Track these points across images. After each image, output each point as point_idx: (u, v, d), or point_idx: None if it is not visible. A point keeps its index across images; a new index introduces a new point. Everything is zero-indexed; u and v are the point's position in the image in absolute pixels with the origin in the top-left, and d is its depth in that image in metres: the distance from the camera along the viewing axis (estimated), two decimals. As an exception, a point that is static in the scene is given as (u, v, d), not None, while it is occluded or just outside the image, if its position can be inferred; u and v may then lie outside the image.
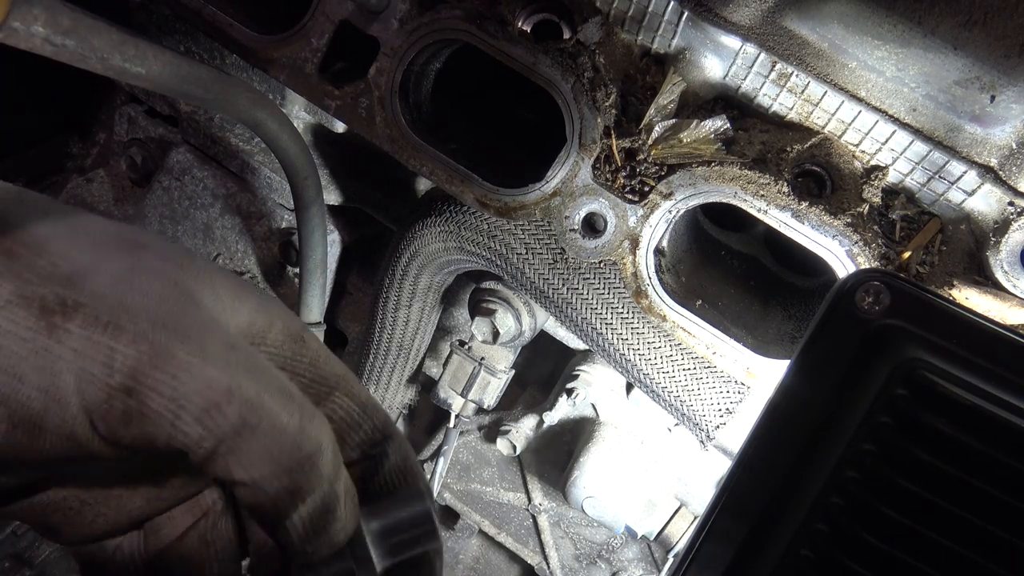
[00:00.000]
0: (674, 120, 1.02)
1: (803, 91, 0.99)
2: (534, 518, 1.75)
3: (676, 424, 1.50)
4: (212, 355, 0.50)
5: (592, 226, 1.08)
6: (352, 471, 0.60)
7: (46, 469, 0.53)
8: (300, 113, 1.37)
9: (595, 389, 1.56)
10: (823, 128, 1.01)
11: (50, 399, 0.47)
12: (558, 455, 1.68)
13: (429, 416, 1.92)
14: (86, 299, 0.48)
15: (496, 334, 1.40)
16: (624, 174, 1.04)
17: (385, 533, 0.60)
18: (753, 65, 1.00)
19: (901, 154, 0.99)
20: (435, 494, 1.71)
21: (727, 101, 1.05)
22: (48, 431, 0.48)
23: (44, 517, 0.58)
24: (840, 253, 0.97)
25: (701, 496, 1.53)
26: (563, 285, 1.14)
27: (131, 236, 0.55)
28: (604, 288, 1.12)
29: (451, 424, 1.66)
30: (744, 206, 0.99)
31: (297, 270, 1.46)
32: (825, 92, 0.98)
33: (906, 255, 0.98)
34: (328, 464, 0.54)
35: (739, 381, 1.10)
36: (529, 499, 1.73)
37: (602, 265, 1.11)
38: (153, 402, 0.47)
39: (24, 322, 0.47)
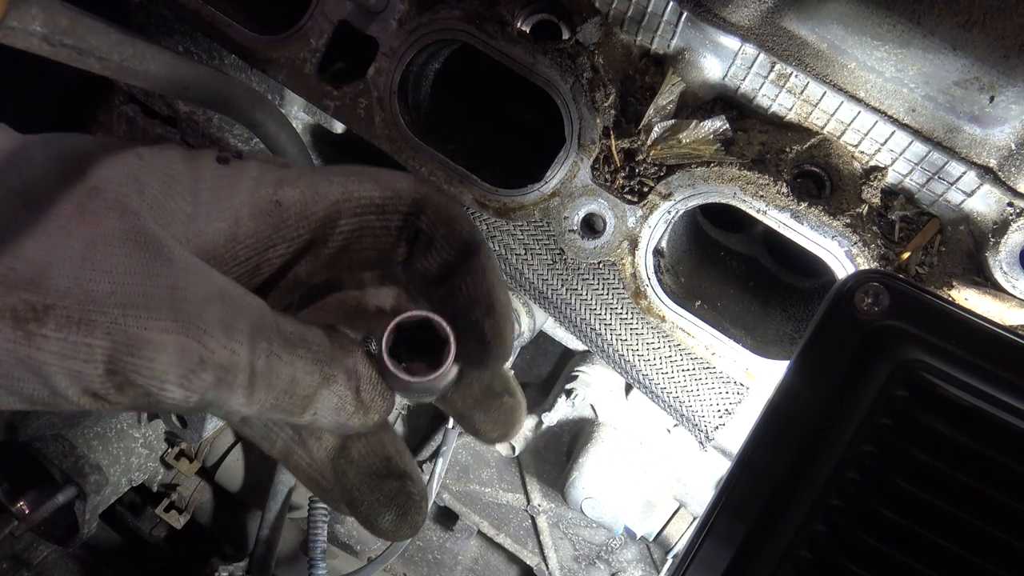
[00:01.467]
0: (673, 120, 1.02)
1: (802, 91, 0.99)
2: (533, 519, 1.75)
3: (675, 425, 1.50)
4: (185, 319, 0.52)
5: (591, 227, 1.08)
6: (403, 245, 0.65)
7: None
8: (299, 114, 1.37)
9: (594, 390, 1.56)
10: (822, 129, 1.01)
11: (48, 392, 0.51)
12: (557, 456, 1.68)
13: (428, 417, 1.92)
14: (53, 299, 0.50)
15: (495, 335, 1.40)
16: (623, 175, 1.04)
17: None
18: (752, 65, 1.00)
19: (900, 155, 0.99)
20: (434, 495, 1.71)
21: (726, 101, 1.05)
22: (58, 406, 0.53)
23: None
24: (839, 254, 0.97)
25: (700, 497, 1.53)
26: (562, 286, 1.14)
27: (80, 180, 0.55)
28: (603, 289, 1.12)
29: (450, 425, 1.66)
30: (743, 207, 0.99)
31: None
32: (824, 92, 0.98)
33: (905, 256, 0.98)
34: (328, 395, 0.58)
35: (738, 382, 1.10)
36: (528, 500, 1.73)
37: (601, 266, 1.11)
38: (138, 380, 0.52)
39: (2, 334, 0.49)
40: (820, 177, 1.01)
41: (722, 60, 1.01)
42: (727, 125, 1.01)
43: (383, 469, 0.65)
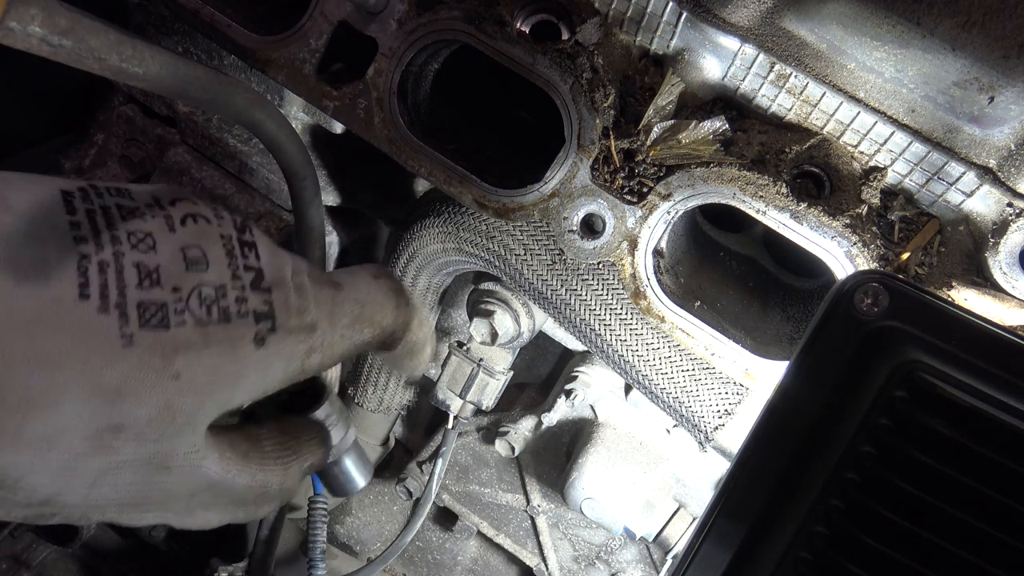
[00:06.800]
0: (673, 121, 1.02)
1: (802, 92, 0.99)
2: (533, 519, 1.75)
3: (675, 425, 1.50)
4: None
5: (591, 227, 1.08)
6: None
7: None
8: (298, 114, 1.36)
9: (594, 390, 1.56)
10: (822, 129, 1.01)
11: None
12: (557, 456, 1.68)
13: (427, 417, 1.92)
14: (61, 511, 0.56)
15: (494, 335, 1.40)
16: (623, 175, 1.04)
17: None
18: (752, 66, 1.00)
19: (900, 155, 0.99)
20: (433, 495, 1.71)
21: (726, 102, 1.05)
22: None
23: None
24: (839, 254, 0.97)
25: (700, 497, 1.52)
26: (561, 286, 1.14)
27: (106, 421, 0.54)
28: (602, 289, 1.12)
29: (449, 425, 1.66)
30: (743, 207, 0.99)
31: (295, 271, 1.45)
32: (824, 93, 0.98)
33: (905, 256, 0.98)
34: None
35: (738, 382, 1.10)
36: (528, 500, 1.73)
37: (600, 266, 1.11)
38: None
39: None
40: (820, 177, 1.01)
41: (721, 60, 1.01)
42: (726, 125, 1.01)
43: None
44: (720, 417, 1.13)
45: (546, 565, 1.75)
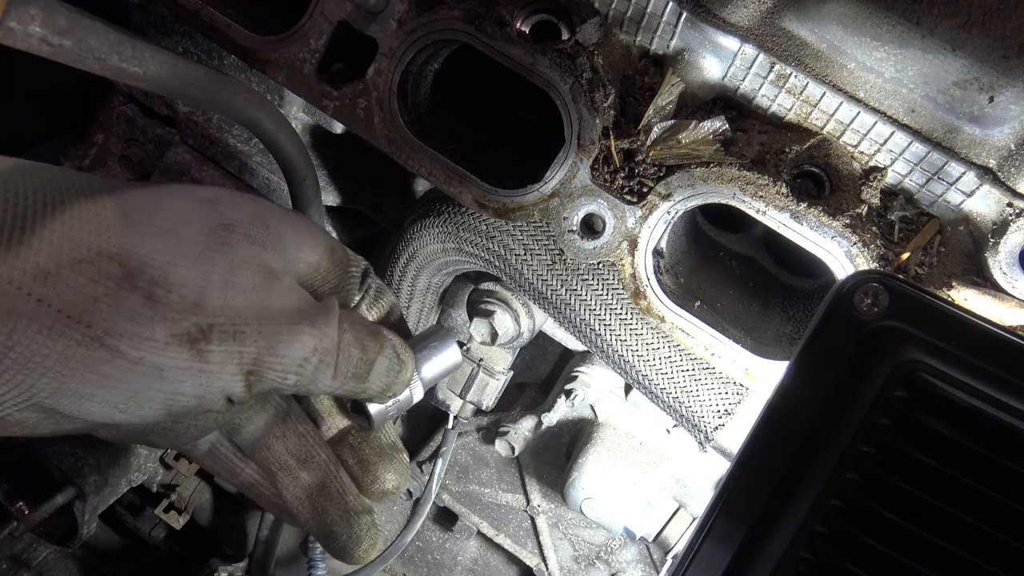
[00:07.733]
0: (673, 121, 1.02)
1: (802, 92, 0.99)
2: (533, 519, 1.75)
3: (675, 425, 1.50)
4: (299, 324, 0.69)
5: (590, 227, 1.08)
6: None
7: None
8: (298, 114, 1.36)
9: (594, 390, 1.56)
10: (822, 129, 1.01)
11: (201, 400, 0.66)
12: (557, 456, 1.68)
13: (427, 417, 1.92)
14: (212, 318, 0.64)
15: (494, 335, 1.40)
16: (623, 175, 1.04)
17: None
18: (752, 66, 1.00)
19: (900, 155, 0.99)
20: (433, 495, 1.71)
21: (726, 102, 1.05)
22: (190, 415, 0.70)
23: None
24: (839, 254, 0.97)
25: (700, 497, 1.53)
26: (561, 286, 1.14)
27: (217, 219, 0.69)
28: (602, 289, 1.12)
29: (449, 425, 1.66)
30: (743, 207, 0.99)
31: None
32: (824, 93, 0.98)
33: (905, 256, 0.98)
34: (382, 359, 0.77)
35: (738, 382, 1.10)
36: (528, 500, 1.73)
37: (600, 266, 1.11)
38: (269, 375, 0.68)
39: (180, 355, 0.62)
40: (819, 177, 1.01)
41: (721, 60, 1.01)
42: (726, 125, 1.01)
43: (356, 506, 0.81)
44: (720, 417, 1.13)
45: (546, 565, 1.75)
